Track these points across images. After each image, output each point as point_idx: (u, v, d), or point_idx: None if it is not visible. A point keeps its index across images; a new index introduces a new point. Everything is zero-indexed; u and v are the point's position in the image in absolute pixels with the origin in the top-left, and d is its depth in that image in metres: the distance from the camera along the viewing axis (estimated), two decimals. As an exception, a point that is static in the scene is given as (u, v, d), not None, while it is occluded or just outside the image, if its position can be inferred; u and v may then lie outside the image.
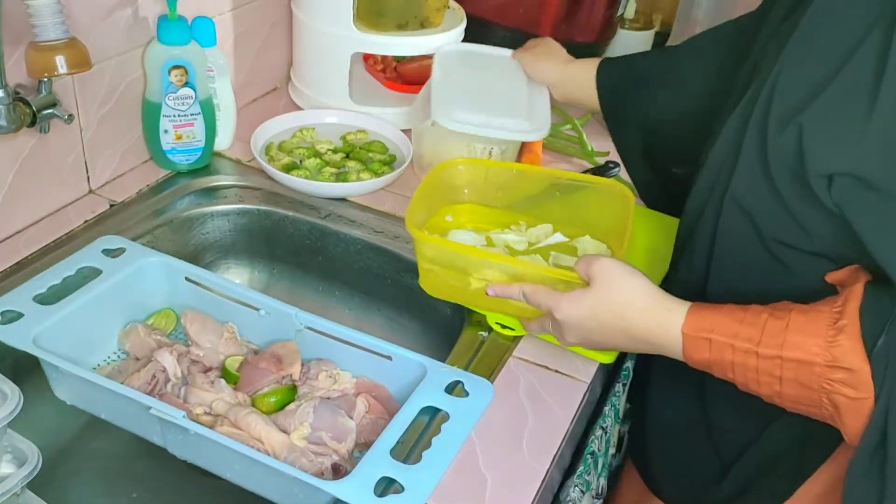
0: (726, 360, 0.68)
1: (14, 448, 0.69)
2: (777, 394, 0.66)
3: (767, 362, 0.65)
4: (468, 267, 0.86)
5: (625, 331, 0.74)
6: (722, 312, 0.69)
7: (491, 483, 0.74)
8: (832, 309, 0.64)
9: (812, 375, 0.63)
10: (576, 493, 0.86)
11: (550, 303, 0.77)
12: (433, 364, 0.80)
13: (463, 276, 0.87)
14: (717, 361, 0.69)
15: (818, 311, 0.64)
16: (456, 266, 0.87)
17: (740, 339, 0.67)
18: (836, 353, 0.61)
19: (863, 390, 0.61)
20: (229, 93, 1.14)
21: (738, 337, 0.67)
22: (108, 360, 0.89)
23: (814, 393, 0.63)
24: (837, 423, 0.64)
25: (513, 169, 1.03)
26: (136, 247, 0.92)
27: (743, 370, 0.67)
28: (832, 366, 0.62)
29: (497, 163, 1.05)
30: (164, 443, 0.76)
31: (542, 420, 0.81)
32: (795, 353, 0.63)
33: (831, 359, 0.62)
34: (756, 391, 0.68)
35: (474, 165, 1.00)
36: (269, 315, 0.88)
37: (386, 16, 1.22)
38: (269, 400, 0.83)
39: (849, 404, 0.62)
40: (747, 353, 0.66)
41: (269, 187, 1.11)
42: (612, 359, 0.86)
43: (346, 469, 0.75)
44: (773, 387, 0.66)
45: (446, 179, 1.00)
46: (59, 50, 0.82)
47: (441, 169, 0.98)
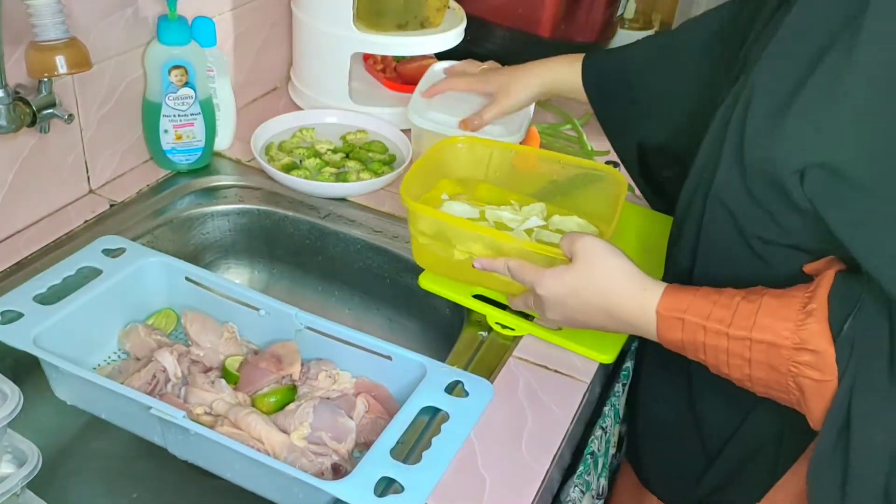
0: (698, 340, 0.69)
1: (14, 448, 0.69)
2: (747, 377, 0.67)
3: (737, 343, 0.66)
4: (454, 238, 0.87)
5: (604, 309, 0.75)
6: (697, 294, 0.70)
7: (490, 483, 0.74)
8: (804, 294, 0.65)
9: (780, 358, 0.64)
10: (576, 493, 0.86)
11: (533, 278, 0.78)
12: (433, 364, 0.80)
13: (449, 248, 0.88)
14: (690, 342, 0.70)
15: (791, 295, 0.66)
16: (444, 237, 0.88)
17: (712, 320, 0.68)
18: (803, 336, 0.63)
19: (827, 373, 0.62)
20: (229, 93, 1.15)
21: (711, 318, 0.68)
22: (109, 360, 0.89)
23: (781, 376, 0.65)
24: (803, 406, 0.65)
25: (512, 150, 1.03)
26: (136, 247, 0.92)
27: (714, 351, 0.68)
28: (799, 348, 0.63)
29: (496, 142, 1.05)
30: (164, 443, 0.76)
31: (542, 420, 0.81)
32: (765, 335, 0.64)
33: (799, 341, 0.63)
34: (727, 374, 0.69)
35: (473, 144, 1.02)
36: (269, 315, 0.88)
37: (386, 16, 1.22)
38: (269, 400, 0.83)
39: (814, 387, 0.63)
40: (718, 335, 0.67)
41: (269, 187, 1.12)
42: (612, 359, 0.86)
43: (346, 469, 0.75)
44: (743, 369, 0.67)
45: (446, 156, 1.01)
46: (59, 50, 0.82)
47: (441, 146, 1.00)
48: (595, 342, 0.86)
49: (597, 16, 1.42)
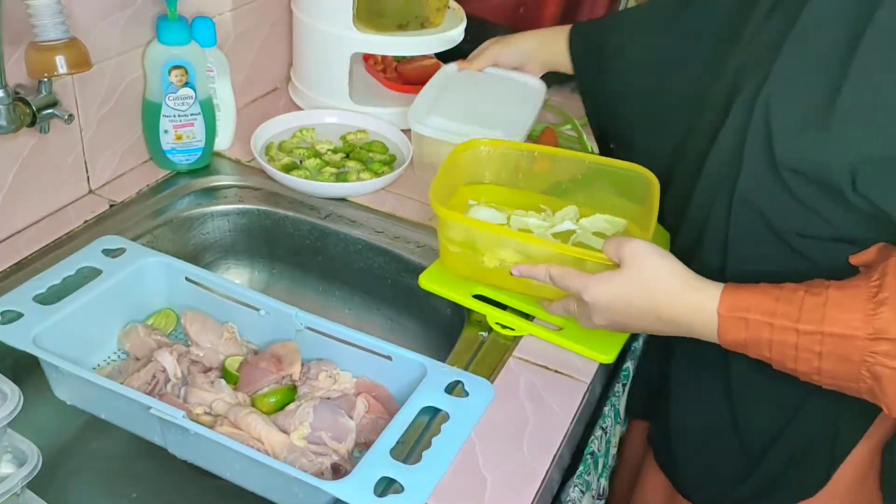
0: (763, 338, 0.68)
1: (14, 448, 0.69)
2: (816, 370, 0.66)
3: (807, 338, 0.65)
4: (486, 245, 0.87)
5: (654, 311, 0.74)
6: (756, 291, 0.69)
7: (491, 483, 0.74)
8: (869, 283, 0.64)
9: (853, 349, 0.63)
10: (576, 493, 0.86)
11: (579, 284, 0.77)
12: (433, 364, 0.80)
13: (479, 255, 0.88)
14: (754, 340, 0.69)
15: (856, 286, 0.65)
16: (475, 245, 0.88)
17: (778, 317, 0.67)
18: (878, 326, 0.62)
19: None
20: (229, 93, 1.15)
21: (777, 315, 0.67)
22: (108, 361, 0.89)
23: (853, 366, 0.64)
24: (877, 394, 0.64)
25: (534, 151, 1.01)
26: (136, 247, 0.92)
27: (781, 348, 0.67)
28: (875, 338, 0.62)
29: (519, 144, 1.03)
30: (164, 443, 0.76)
31: (542, 420, 0.81)
32: (836, 328, 0.64)
33: (874, 331, 0.62)
34: (793, 368, 0.68)
35: (496, 147, 1.01)
36: (269, 315, 0.88)
37: (386, 16, 1.22)
38: (269, 400, 0.83)
39: (891, 375, 0.62)
40: (786, 331, 0.66)
41: (269, 187, 1.12)
42: (612, 359, 0.86)
43: (346, 469, 0.75)
44: (812, 363, 0.66)
45: (468, 160, 1.00)
46: (59, 50, 0.82)
47: (463, 148, 0.98)
48: (595, 342, 0.86)
49: (597, 16, 1.42)
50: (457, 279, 0.93)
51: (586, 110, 1.13)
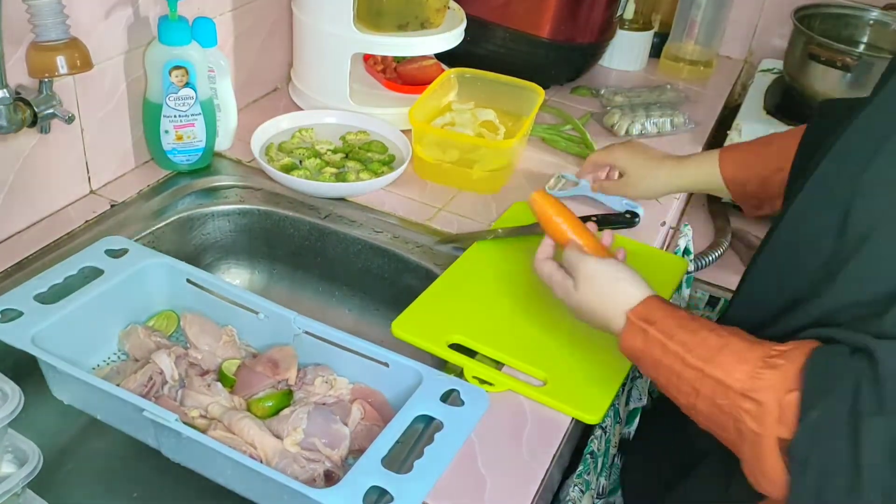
0: (655, 356, 0.70)
1: (15, 448, 0.69)
2: (692, 406, 0.68)
3: (691, 372, 0.66)
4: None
5: (601, 296, 0.78)
6: (671, 313, 0.71)
7: (490, 483, 0.74)
8: (774, 348, 0.64)
9: (726, 399, 0.64)
10: (575, 492, 0.87)
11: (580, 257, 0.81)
12: (429, 371, 0.80)
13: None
14: (647, 356, 0.71)
15: (760, 344, 0.65)
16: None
17: (674, 342, 0.68)
18: (754, 384, 0.62)
19: (766, 427, 0.61)
20: (230, 93, 1.15)
21: (674, 339, 0.68)
22: (108, 361, 0.89)
23: (724, 416, 0.64)
24: (738, 450, 0.65)
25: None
26: (139, 248, 0.92)
27: (667, 373, 0.69)
28: (745, 395, 0.62)
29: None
30: (157, 445, 0.76)
31: (542, 420, 0.81)
32: (717, 372, 0.64)
33: (748, 388, 0.62)
34: (675, 398, 0.70)
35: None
36: (267, 319, 0.88)
37: (386, 16, 1.22)
38: (265, 404, 0.83)
39: (751, 436, 0.62)
40: (675, 357, 0.68)
41: (270, 187, 1.12)
42: (599, 418, 0.81)
43: (339, 476, 0.75)
44: (690, 398, 0.67)
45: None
46: (59, 50, 0.83)
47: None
48: (581, 401, 0.82)
49: (597, 16, 1.42)
50: (432, 325, 0.88)
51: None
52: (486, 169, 1.15)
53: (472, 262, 0.99)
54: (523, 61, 1.41)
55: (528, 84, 1.24)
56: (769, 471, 0.62)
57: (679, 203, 1.22)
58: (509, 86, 1.26)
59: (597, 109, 1.46)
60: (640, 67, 1.66)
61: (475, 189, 1.16)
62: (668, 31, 1.66)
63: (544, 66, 1.43)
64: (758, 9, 1.71)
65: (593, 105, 1.48)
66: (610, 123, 1.39)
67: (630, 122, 1.37)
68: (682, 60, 1.64)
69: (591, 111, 1.44)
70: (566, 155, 1.28)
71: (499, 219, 1.09)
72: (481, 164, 1.14)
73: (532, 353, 0.86)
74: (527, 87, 1.24)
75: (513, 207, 1.11)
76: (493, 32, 1.40)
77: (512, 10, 1.38)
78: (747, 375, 0.63)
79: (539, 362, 0.85)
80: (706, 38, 1.63)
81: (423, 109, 1.19)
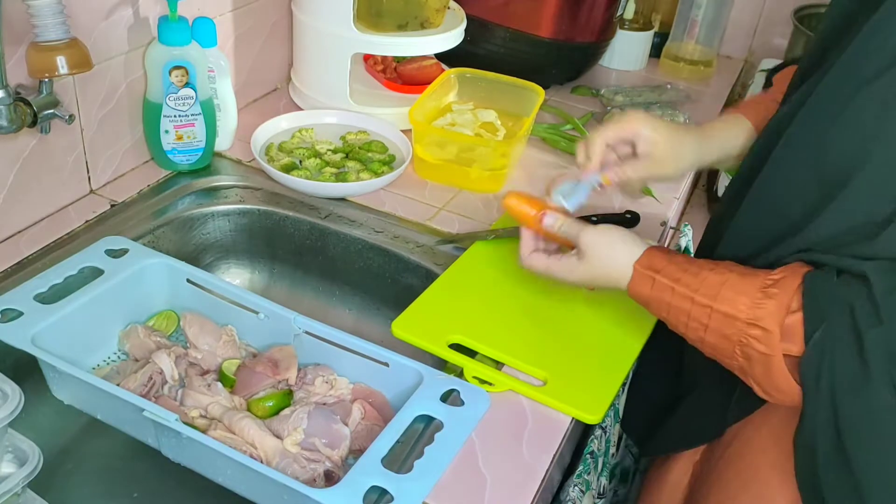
0: (664, 300, 0.77)
1: (15, 448, 0.69)
2: (700, 340, 0.75)
3: (699, 310, 0.73)
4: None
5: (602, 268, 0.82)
6: (671, 259, 0.78)
7: (490, 483, 0.74)
8: (768, 277, 0.70)
9: (733, 329, 0.71)
10: (576, 492, 0.87)
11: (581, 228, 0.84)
12: (429, 371, 0.80)
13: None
14: (656, 300, 0.77)
15: (755, 275, 0.71)
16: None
17: (681, 285, 0.75)
18: (758, 314, 0.69)
19: (773, 349, 0.68)
20: (230, 93, 1.15)
21: (680, 282, 0.75)
22: (108, 361, 0.89)
23: (730, 344, 0.71)
24: (747, 371, 0.72)
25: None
26: (139, 248, 0.92)
27: (677, 312, 0.76)
28: (752, 324, 0.69)
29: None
30: (158, 445, 0.76)
31: (542, 420, 0.81)
32: (724, 307, 0.71)
33: (753, 317, 0.69)
34: (684, 333, 0.77)
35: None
36: (268, 319, 0.88)
37: (386, 16, 1.22)
38: (265, 404, 0.83)
39: (758, 357, 0.70)
40: (683, 298, 0.75)
41: (270, 187, 1.12)
42: (599, 418, 0.82)
43: (339, 476, 0.75)
44: (699, 332, 0.74)
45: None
46: (59, 50, 0.83)
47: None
48: (580, 400, 0.82)
49: (597, 16, 1.42)
50: (432, 325, 0.88)
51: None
52: (487, 169, 1.15)
53: (472, 262, 0.99)
54: (523, 61, 1.41)
55: (528, 84, 1.24)
56: (781, 383, 0.69)
57: (679, 203, 1.22)
58: (509, 86, 1.26)
59: (597, 109, 1.46)
60: (641, 67, 1.66)
61: (475, 189, 1.16)
62: (668, 30, 1.66)
63: (544, 66, 1.43)
64: (758, 9, 1.71)
65: (593, 105, 1.48)
66: (610, 123, 1.39)
67: (630, 121, 1.37)
68: (682, 60, 1.64)
69: (591, 111, 1.44)
70: (566, 155, 1.28)
71: (499, 219, 1.09)
72: (481, 164, 1.14)
73: (532, 353, 0.86)
74: (527, 87, 1.24)
75: None
76: (493, 32, 1.40)
77: (512, 10, 1.38)
78: (749, 307, 0.69)
79: (539, 362, 0.85)
80: (706, 38, 1.63)
81: (423, 109, 1.19)
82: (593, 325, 0.91)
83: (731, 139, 0.94)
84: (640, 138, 0.89)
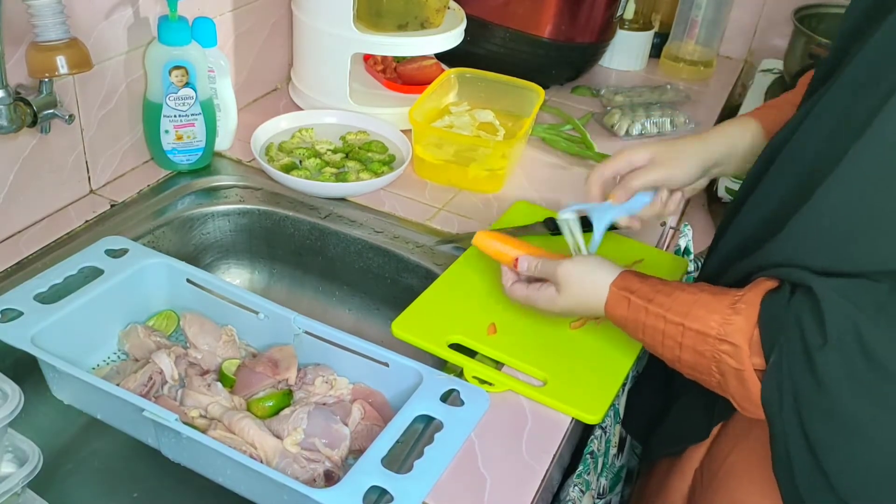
0: (640, 320, 0.77)
1: (15, 447, 0.69)
2: (677, 358, 0.75)
3: (673, 328, 0.74)
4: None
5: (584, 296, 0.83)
6: (645, 281, 0.79)
7: (490, 483, 0.74)
8: (734, 294, 0.72)
9: (706, 345, 0.72)
10: (575, 492, 0.87)
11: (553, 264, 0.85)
12: (429, 371, 0.80)
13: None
14: (632, 320, 0.78)
15: (724, 293, 0.73)
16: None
17: (654, 305, 0.76)
18: (727, 329, 0.70)
19: (744, 364, 0.69)
20: (230, 93, 1.15)
21: (653, 302, 0.76)
22: (108, 361, 0.89)
23: (706, 361, 0.72)
24: (725, 387, 0.73)
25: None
26: (139, 247, 0.92)
27: (652, 332, 0.77)
28: (722, 339, 0.70)
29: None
30: (157, 445, 0.76)
31: (542, 420, 0.81)
32: (696, 325, 0.72)
33: (723, 333, 0.70)
34: (661, 354, 0.78)
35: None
36: (267, 318, 0.88)
37: (386, 16, 1.22)
38: (265, 404, 0.83)
39: (731, 372, 0.71)
40: (657, 317, 0.76)
41: (270, 187, 1.12)
42: (599, 418, 0.82)
43: (339, 476, 0.75)
44: (675, 351, 0.75)
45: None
46: (59, 50, 0.83)
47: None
48: (580, 400, 0.82)
49: (597, 16, 1.42)
50: (432, 325, 0.88)
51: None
52: (487, 169, 1.15)
53: (473, 262, 0.99)
54: (523, 61, 1.41)
55: (528, 84, 1.24)
56: (754, 397, 0.70)
57: (679, 203, 1.22)
58: (509, 86, 1.26)
59: (597, 109, 1.46)
60: (641, 67, 1.66)
61: (475, 189, 1.16)
62: (668, 31, 1.66)
63: (544, 66, 1.43)
64: (758, 9, 1.71)
65: (593, 105, 1.48)
66: (610, 123, 1.39)
67: (630, 121, 1.37)
68: (682, 60, 1.64)
69: (591, 111, 1.44)
70: (566, 155, 1.28)
71: (499, 219, 1.09)
72: (481, 164, 1.14)
73: (532, 353, 0.86)
74: (527, 87, 1.24)
75: (513, 207, 1.11)
76: (493, 32, 1.40)
77: (512, 10, 1.38)
78: (719, 323, 0.71)
79: (539, 362, 0.85)
80: (706, 38, 1.63)
81: (423, 109, 1.19)
82: (593, 325, 0.91)
83: (734, 137, 0.93)
84: (636, 156, 0.91)
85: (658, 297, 0.76)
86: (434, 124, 1.21)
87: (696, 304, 0.73)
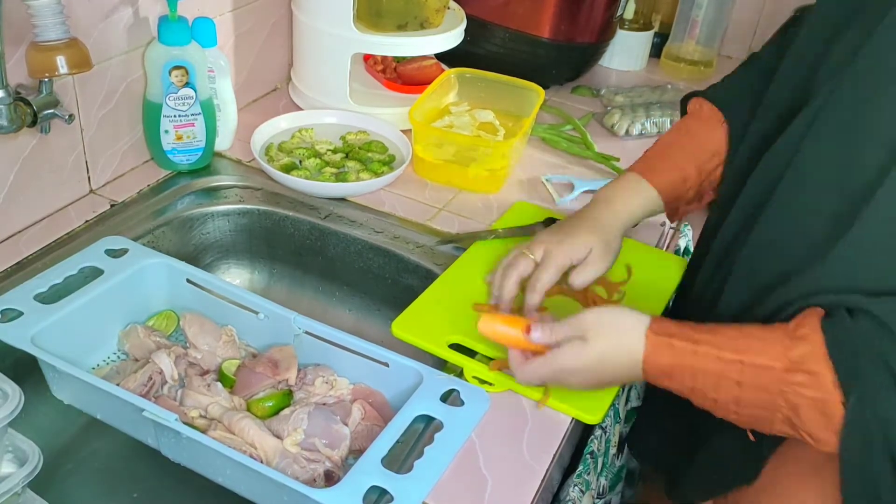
0: (687, 364, 0.69)
1: (15, 447, 0.69)
2: (735, 399, 0.68)
3: (729, 366, 0.67)
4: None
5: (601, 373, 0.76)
6: (681, 323, 0.72)
7: (491, 483, 0.74)
8: (784, 325, 0.67)
9: (771, 379, 0.66)
10: (575, 492, 0.87)
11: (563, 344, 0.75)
12: (429, 371, 0.80)
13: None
14: (679, 367, 0.70)
15: (775, 326, 0.68)
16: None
17: (702, 344, 0.69)
18: (794, 358, 0.65)
19: (827, 391, 0.63)
20: (230, 93, 1.15)
21: (700, 342, 0.69)
22: (108, 361, 0.89)
23: (771, 396, 0.66)
24: (795, 423, 0.66)
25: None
26: (139, 247, 0.92)
27: (704, 376, 0.69)
28: (792, 370, 0.65)
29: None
30: (157, 445, 0.76)
31: (542, 420, 0.81)
32: (756, 359, 0.66)
33: (790, 363, 0.65)
34: (713, 399, 0.69)
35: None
36: (267, 319, 0.88)
37: (386, 16, 1.22)
38: (265, 404, 0.83)
39: (808, 404, 0.65)
40: (708, 358, 0.68)
41: (270, 187, 1.12)
42: (599, 418, 0.81)
43: (339, 476, 0.75)
44: (732, 391, 0.68)
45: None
46: (59, 50, 0.83)
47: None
48: (581, 401, 0.81)
49: (597, 16, 1.42)
50: (432, 325, 0.88)
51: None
52: (487, 169, 1.15)
53: (472, 262, 0.99)
54: (523, 61, 1.41)
55: (528, 84, 1.24)
56: (839, 426, 0.64)
57: (679, 203, 1.22)
58: (509, 86, 1.26)
59: (597, 109, 1.46)
60: (641, 67, 1.66)
61: (475, 189, 1.16)
62: (668, 31, 1.67)
63: (544, 66, 1.43)
64: (758, 9, 1.71)
65: (593, 105, 1.48)
66: (610, 123, 1.39)
67: (630, 121, 1.37)
68: (682, 60, 1.64)
69: (591, 111, 1.44)
70: (566, 155, 1.28)
71: (499, 219, 1.09)
72: (481, 164, 1.14)
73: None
74: (527, 88, 1.24)
75: (513, 207, 1.11)
76: (493, 32, 1.40)
77: (512, 10, 1.38)
78: (783, 353, 0.65)
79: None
80: (707, 38, 1.63)
81: (423, 109, 1.19)
82: None
83: (633, 205, 0.92)
84: (574, 257, 0.86)
85: (704, 336, 0.69)
86: (434, 124, 1.21)
87: (750, 338, 0.67)
